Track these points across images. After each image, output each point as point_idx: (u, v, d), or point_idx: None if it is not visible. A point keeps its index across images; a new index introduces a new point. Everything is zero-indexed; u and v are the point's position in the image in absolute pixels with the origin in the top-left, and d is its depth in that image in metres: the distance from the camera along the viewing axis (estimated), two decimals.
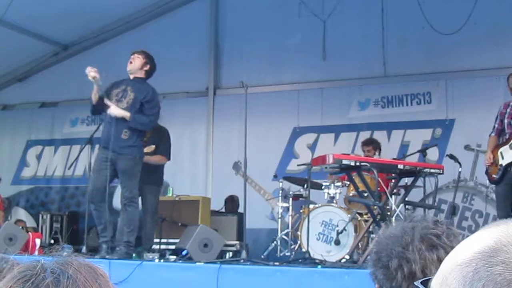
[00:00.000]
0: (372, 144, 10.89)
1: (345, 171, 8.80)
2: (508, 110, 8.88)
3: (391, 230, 2.18)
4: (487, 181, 9.28)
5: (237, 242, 10.49)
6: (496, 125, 9.02)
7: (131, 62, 9.26)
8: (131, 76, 9.24)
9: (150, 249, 9.85)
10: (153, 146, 9.93)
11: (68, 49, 14.75)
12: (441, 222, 2.20)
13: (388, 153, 11.06)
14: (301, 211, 9.80)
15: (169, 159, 10.66)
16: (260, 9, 13.20)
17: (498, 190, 8.90)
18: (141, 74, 9.25)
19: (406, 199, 9.07)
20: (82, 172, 13.93)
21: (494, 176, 8.79)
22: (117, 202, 9.66)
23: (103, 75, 9.07)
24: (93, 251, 9.67)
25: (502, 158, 8.70)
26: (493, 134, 9.03)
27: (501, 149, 8.76)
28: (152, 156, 9.93)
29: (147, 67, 9.28)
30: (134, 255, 9.10)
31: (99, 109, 9.25)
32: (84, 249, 9.76)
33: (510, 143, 8.68)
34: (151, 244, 9.98)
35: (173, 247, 9.72)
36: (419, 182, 8.93)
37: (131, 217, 9.03)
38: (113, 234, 9.21)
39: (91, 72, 8.98)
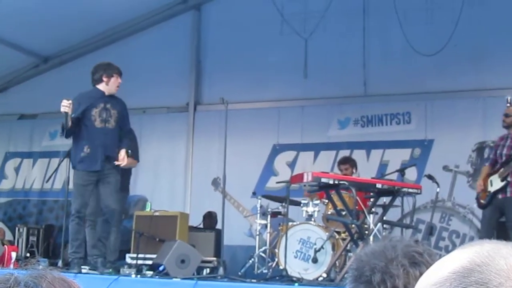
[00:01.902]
0: (349, 163, 10.83)
1: (323, 189, 8.81)
2: (502, 142, 9.22)
3: (371, 247, 2.17)
4: (475, 205, 9.59)
5: (215, 258, 10.43)
6: (492, 156, 9.45)
7: (107, 84, 9.23)
8: (106, 93, 9.23)
9: (115, 262, 9.68)
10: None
11: (48, 61, 14.70)
12: (421, 241, 2.21)
13: (367, 172, 11.06)
14: (279, 228, 9.80)
15: (138, 161, 10.59)
16: (242, 26, 13.23)
17: (485, 213, 9.26)
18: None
19: (384, 218, 9.09)
20: (60, 186, 13.84)
21: (482, 201, 9.06)
22: None
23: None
24: (70, 265, 9.61)
25: (491, 185, 9.02)
26: (487, 164, 9.47)
27: (491, 177, 9.12)
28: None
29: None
30: (110, 270, 9.05)
31: (71, 131, 9.17)
32: (60, 263, 9.69)
33: (499, 172, 9.01)
34: (116, 256, 9.83)
35: (150, 262, 9.66)
36: (397, 201, 8.95)
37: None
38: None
39: (65, 107, 8.81)
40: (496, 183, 8.99)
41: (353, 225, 8.56)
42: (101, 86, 9.21)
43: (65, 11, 12.50)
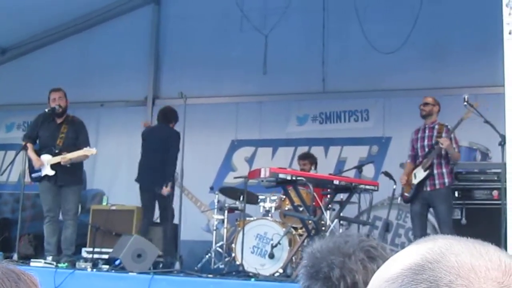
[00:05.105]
0: (308, 159, 10.87)
1: (281, 185, 8.83)
2: (419, 135, 9.37)
3: (324, 243, 2.16)
4: (401, 200, 9.63)
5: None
6: (410, 152, 9.50)
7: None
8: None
9: (71, 256, 9.63)
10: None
11: (6, 53, 14.51)
12: (371, 235, 2.22)
13: (325, 168, 11.11)
14: (236, 223, 9.81)
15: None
16: (203, 21, 13.19)
17: (414, 209, 9.25)
18: None
19: (341, 214, 9.14)
20: (16, 178, 13.68)
21: (406, 194, 9.13)
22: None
23: None
24: (25, 258, 9.54)
25: (415, 178, 9.08)
26: (408, 161, 9.48)
27: (415, 171, 9.21)
28: (76, 154, 9.56)
29: None
30: (66, 264, 9.00)
31: None
32: (15, 256, 9.60)
33: (422, 163, 9.09)
34: (72, 250, 9.76)
35: (106, 256, 9.62)
36: (355, 198, 9.00)
37: None
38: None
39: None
40: (419, 174, 9.06)
41: (310, 221, 8.59)
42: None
43: (24, 2, 12.35)
